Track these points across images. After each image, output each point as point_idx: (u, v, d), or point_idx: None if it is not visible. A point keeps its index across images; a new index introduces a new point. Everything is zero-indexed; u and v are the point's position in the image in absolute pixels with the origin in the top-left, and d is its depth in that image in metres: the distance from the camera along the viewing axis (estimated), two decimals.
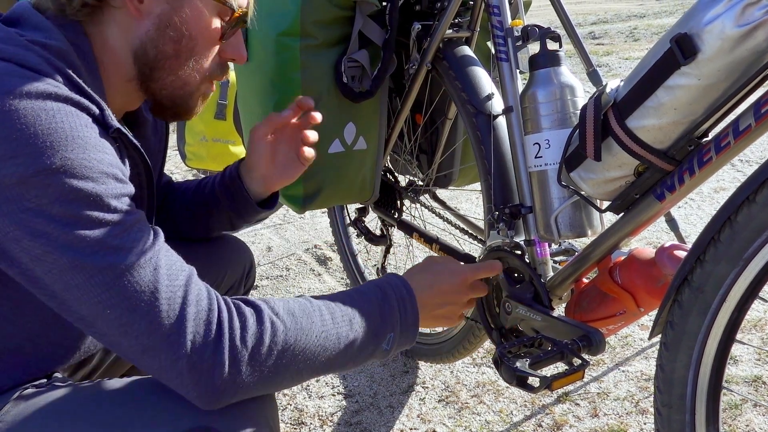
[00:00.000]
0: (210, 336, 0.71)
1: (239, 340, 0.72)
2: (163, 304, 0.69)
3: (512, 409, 1.52)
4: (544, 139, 1.00)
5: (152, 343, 0.69)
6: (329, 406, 1.59)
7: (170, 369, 0.70)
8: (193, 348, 0.70)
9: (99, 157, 0.69)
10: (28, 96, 0.66)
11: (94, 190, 0.68)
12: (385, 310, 0.87)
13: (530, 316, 1.05)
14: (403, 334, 0.89)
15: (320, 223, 2.73)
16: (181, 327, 0.70)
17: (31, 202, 0.65)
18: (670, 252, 0.92)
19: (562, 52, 1.01)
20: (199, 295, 0.73)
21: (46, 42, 0.73)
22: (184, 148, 2.46)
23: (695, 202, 2.61)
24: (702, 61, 0.73)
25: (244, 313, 0.75)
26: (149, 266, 0.70)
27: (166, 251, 0.74)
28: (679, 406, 0.82)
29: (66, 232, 0.66)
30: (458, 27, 1.29)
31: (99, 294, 0.67)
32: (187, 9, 0.81)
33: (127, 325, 0.68)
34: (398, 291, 0.91)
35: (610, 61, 4.86)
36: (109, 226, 0.68)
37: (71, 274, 0.67)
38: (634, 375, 1.61)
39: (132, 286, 0.68)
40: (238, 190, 1.08)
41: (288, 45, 1.19)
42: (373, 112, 1.33)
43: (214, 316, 0.72)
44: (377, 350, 0.87)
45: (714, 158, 0.77)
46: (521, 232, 1.11)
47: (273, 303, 0.79)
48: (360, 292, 0.88)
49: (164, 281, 0.70)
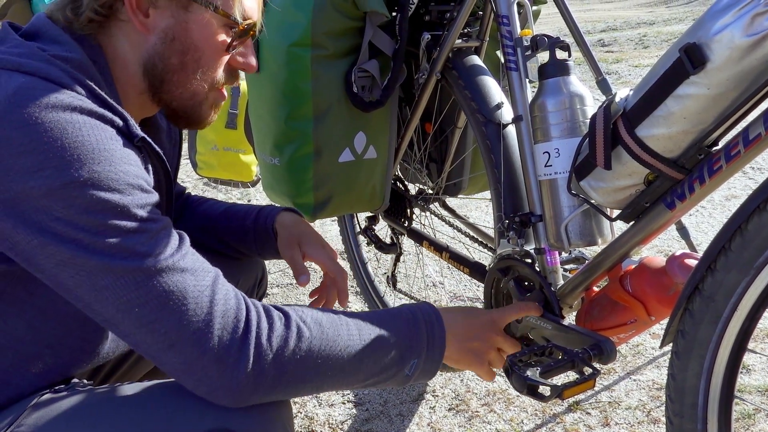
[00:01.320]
0: (237, 333, 0.73)
1: (265, 339, 0.75)
2: (190, 302, 0.71)
3: (523, 417, 1.52)
4: (553, 148, 1.00)
5: (179, 338, 0.71)
6: (339, 414, 1.59)
7: (196, 362, 0.72)
8: (220, 342, 0.72)
9: (125, 169, 0.71)
10: (54, 109, 0.68)
11: (121, 201, 0.70)
12: (413, 333, 0.88)
13: (541, 325, 1.05)
14: (427, 361, 0.89)
15: (330, 231, 2.74)
16: (209, 323, 0.72)
17: (60, 212, 0.67)
18: (681, 261, 0.92)
19: (571, 62, 1.02)
20: (227, 294, 0.75)
21: (67, 56, 0.75)
22: (195, 157, 2.48)
23: (706, 209, 2.60)
24: (711, 71, 0.74)
25: (272, 315, 0.77)
26: (176, 268, 0.72)
27: (192, 254, 0.76)
28: (691, 416, 0.82)
29: (95, 239, 0.68)
30: (468, 37, 1.30)
31: (128, 293, 0.70)
32: (192, 23, 0.82)
33: (155, 322, 0.71)
34: (428, 316, 0.91)
35: (619, 69, 4.85)
36: (136, 234, 0.70)
37: (100, 275, 0.69)
38: (645, 384, 1.60)
39: (161, 286, 0.70)
40: (269, 242, 1.15)
41: (299, 56, 1.20)
42: (383, 121, 1.34)
43: (242, 315, 0.75)
44: (399, 374, 0.87)
45: (724, 167, 0.77)
46: (531, 241, 1.11)
47: (301, 311, 0.81)
48: (390, 313, 0.90)
49: (191, 281, 0.72)
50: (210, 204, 1.22)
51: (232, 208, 1.19)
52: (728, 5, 0.72)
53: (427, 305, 0.94)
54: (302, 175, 1.30)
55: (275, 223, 1.15)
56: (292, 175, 1.31)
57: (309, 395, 0.83)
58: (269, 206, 1.20)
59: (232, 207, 1.20)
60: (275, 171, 1.34)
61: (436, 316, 0.92)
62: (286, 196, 1.36)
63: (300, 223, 1.17)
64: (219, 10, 0.83)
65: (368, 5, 1.19)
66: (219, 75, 0.88)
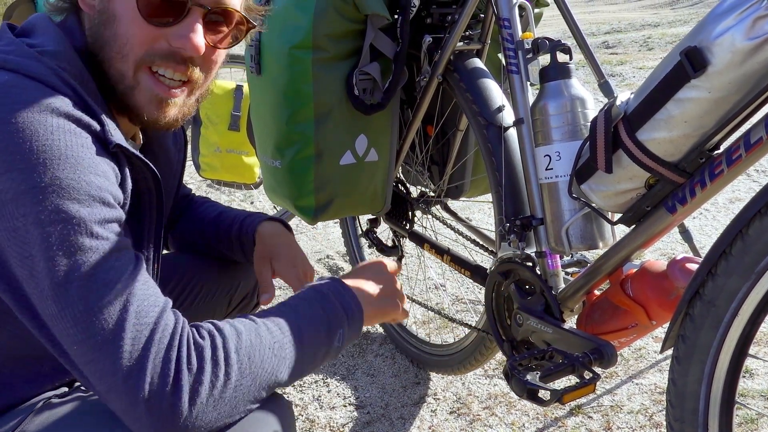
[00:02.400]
0: (168, 378, 0.68)
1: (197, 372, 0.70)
2: (126, 344, 0.68)
3: (524, 421, 1.51)
4: (554, 151, 1.00)
5: (114, 384, 0.68)
6: (340, 417, 1.59)
7: (131, 412, 0.68)
8: (152, 391, 0.67)
9: (89, 179, 0.69)
10: (29, 110, 0.67)
11: (78, 213, 0.67)
12: (328, 309, 0.86)
13: (541, 329, 1.05)
14: (351, 327, 0.88)
15: (332, 233, 2.74)
16: (141, 370, 0.68)
17: (20, 221, 0.66)
18: (682, 265, 0.91)
19: (572, 65, 1.02)
20: (164, 332, 0.70)
21: (56, 50, 0.74)
22: (198, 158, 2.48)
23: (710, 212, 2.59)
24: (712, 74, 0.73)
25: (199, 342, 0.72)
26: (120, 301, 0.68)
27: (143, 283, 0.71)
28: (692, 421, 0.81)
29: (46, 257, 0.66)
30: (469, 39, 1.30)
31: (69, 327, 0.67)
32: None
33: (92, 362, 0.68)
34: (332, 287, 0.89)
35: (623, 71, 4.84)
36: (88, 253, 0.67)
37: (48, 301, 0.67)
38: (647, 388, 1.59)
39: (99, 323, 0.67)
40: (252, 252, 1.13)
41: (300, 58, 1.21)
42: (384, 124, 1.34)
43: (173, 355, 0.70)
44: (330, 349, 0.85)
45: (725, 171, 0.77)
46: (532, 244, 1.11)
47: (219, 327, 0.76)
48: (299, 298, 0.87)
49: (132, 319, 0.68)
50: (206, 207, 1.20)
51: (222, 215, 1.17)
52: (730, 8, 0.72)
53: (328, 280, 0.92)
54: (303, 178, 1.30)
55: (255, 233, 1.13)
56: (293, 177, 1.31)
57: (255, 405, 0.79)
58: (255, 215, 1.17)
59: (222, 213, 1.17)
60: (277, 173, 1.34)
61: (340, 284, 0.90)
62: (287, 199, 1.36)
63: (278, 235, 1.12)
64: None
65: (369, 8, 1.19)
66: (140, 50, 0.79)
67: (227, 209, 1.20)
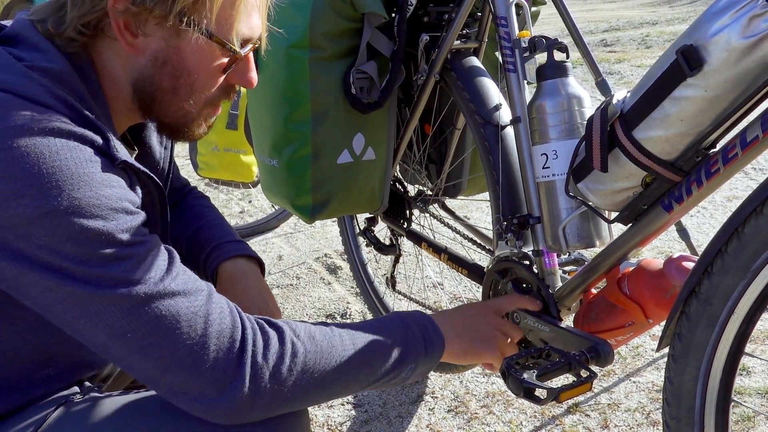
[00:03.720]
0: (233, 352, 0.72)
1: (261, 357, 0.73)
2: (184, 325, 0.70)
3: (522, 419, 1.52)
4: (551, 150, 1.00)
5: (174, 361, 0.70)
6: (339, 415, 1.59)
7: (192, 383, 0.70)
8: (216, 363, 0.70)
9: (106, 192, 0.68)
10: (30, 133, 0.65)
11: (104, 228, 0.67)
12: (408, 338, 0.87)
13: (538, 327, 1.05)
14: (425, 363, 0.89)
15: (330, 232, 2.74)
16: (204, 345, 0.70)
17: (42, 240, 0.65)
18: (679, 263, 0.91)
19: (569, 63, 1.02)
20: (222, 312, 0.73)
21: (47, 66, 0.71)
22: (196, 158, 2.48)
23: (708, 210, 2.59)
24: (708, 73, 0.73)
25: (267, 332, 0.76)
26: (167, 292, 0.70)
27: (183, 273, 0.74)
28: (688, 420, 0.81)
29: (80, 267, 0.66)
30: (466, 38, 1.30)
31: (117, 320, 0.68)
32: (186, 47, 0.77)
33: (148, 347, 0.69)
34: (419, 320, 0.91)
35: (622, 69, 4.84)
36: (122, 261, 0.68)
37: (88, 302, 0.67)
38: (645, 386, 1.60)
39: (151, 312, 0.69)
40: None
41: (297, 57, 1.20)
42: (381, 122, 1.34)
43: (238, 334, 0.73)
44: (396, 378, 0.87)
45: (722, 169, 0.77)
46: (529, 243, 1.11)
47: (294, 325, 0.79)
48: (382, 322, 0.89)
49: (183, 304, 0.71)
50: (192, 215, 1.13)
51: (197, 234, 1.09)
52: (726, 7, 0.72)
53: (417, 312, 0.94)
54: (301, 177, 1.30)
55: (217, 272, 1.04)
56: (290, 176, 1.31)
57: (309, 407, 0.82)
58: (224, 246, 1.06)
59: (198, 232, 1.10)
60: (274, 172, 1.34)
61: (428, 320, 0.92)
62: (284, 198, 1.36)
63: (236, 280, 1.02)
64: (214, 38, 0.78)
65: (366, 7, 1.18)
66: (213, 95, 0.84)
67: (206, 225, 1.11)
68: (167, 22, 0.74)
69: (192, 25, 0.76)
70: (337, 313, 2.10)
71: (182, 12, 0.74)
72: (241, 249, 1.06)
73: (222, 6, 0.77)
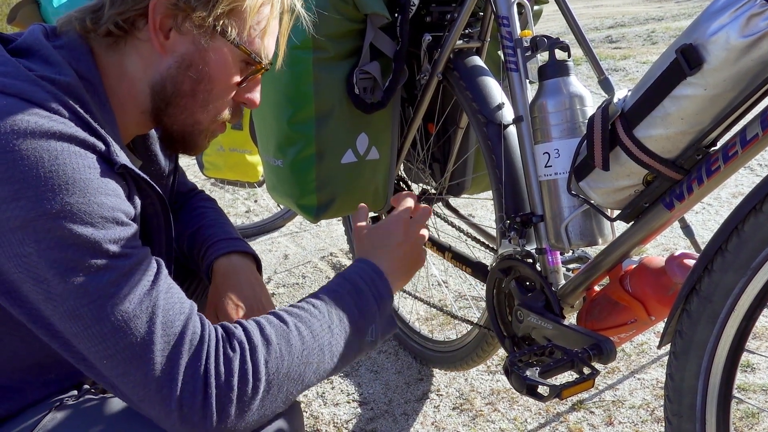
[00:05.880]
0: (198, 386, 0.70)
1: (225, 386, 0.71)
2: (157, 355, 0.69)
3: (527, 417, 1.52)
4: (553, 149, 1.01)
5: (146, 394, 0.69)
6: (344, 413, 1.60)
7: (165, 420, 0.70)
8: (183, 400, 0.69)
9: (100, 200, 0.69)
10: (31, 135, 0.66)
11: (92, 236, 0.67)
12: (360, 304, 0.85)
13: (541, 325, 1.06)
14: (382, 319, 0.87)
15: (336, 231, 2.75)
16: (173, 379, 0.69)
17: (31, 247, 0.65)
18: (680, 261, 0.92)
19: (570, 62, 1.02)
20: (192, 341, 0.72)
21: (55, 78, 0.72)
22: (201, 158, 2.50)
23: (713, 207, 2.59)
24: (708, 72, 0.74)
25: (228, 354, 0.73)
26: (145, 315, 0.69)
27: (166, 292, 0.72)
28: (690, 416, 0.82)
29: (64, 279, 0.66)
30: (468, 38, 1.31)
31: (96, 344, 0.68)
32: (212, 53, 0.80)
33: (123, 375, 0.69)
34: (367, 276, 0.87)
35: (627, 65, 4.82)
36: (107, 273, 0.68)
37: (71, 321, 0.67)
38: (649, 383, 1.60)
39: (128, 338, 0.68)
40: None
41: (301, 58, 1.21)
42: (385, 122, 1.35)
43: (201, 367, 0.71)
44: (363, 345, 0.85)
45: (722, 167, 0.77)
46: (533, 241, 1.11)
47: (250, 331, 0.76)
48: (331, 291, 0.85)
49: (159, 330, 0.70)
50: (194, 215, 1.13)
51: (197, 233, 1.10)
52: (724, 6, 0.72)
53: (360, 262, 0.90)
54: (305, 177, 1.31)
55: (212, 268, 1.04)
56: (295, 176, 1.32)
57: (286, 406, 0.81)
58: (221, 243, 1.06)
59: (199, 230, 1.10)
60: (279, 172, 1.35)
61: (375, 271, 0.88)
62: (289, 197, 1.37)
63: (230, 275, 1.02)
64: (241, 47, 0.81)
65: (369, 7, 1.19)
66: (224, 109, 0.87)
67: (206, 225, 1.11)
68: (204, 23, 0.78)
69: (225, 32, 0.80)
70: None
71: (220, 17, 0.78)
72: (236, 245, 1.06)
73: (256, 20, 0.82)
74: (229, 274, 1.02)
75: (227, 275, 1.02)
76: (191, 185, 1.22)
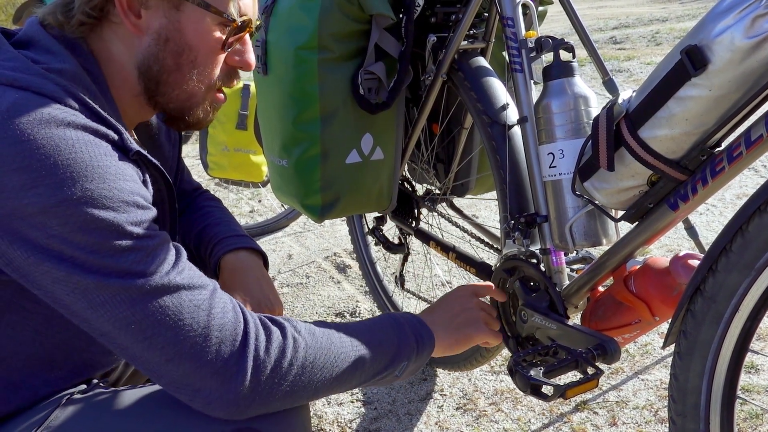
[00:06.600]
0: (235, 345, 0.73)
1: (263, 351, 0.75)
2: (186, 318, 0.72)
3: (530, 417, 1.52)
4: (558, 149, 1.01)
5: (177, 352, 0.71)
6: (348, 413, 1.61)
7: (194, 375, 0.72)
8: (219, 355, 0.72)
9: (119, 185, 0.71)
10: (47, 125, 0.67)
11: (115, 219, 0.69)
12: (401, 337, 0.91)
13: (546, 325, 1.06)
14: (417, 360, 0.93)
15: (340, 231, 2.75)
16: (207, 337, 0.72)
17: (55, 230, 0.67)
18: (684, 261, 0.92)
19: (575, 63, 1.02)
20: (224, 308, 0.75)
21: (61, 67, 0.74)
22: (206, 158, 2.51)
23: (717, 208, 2.58)
24: (712, 73, 0.74)
25: (269, 327, 0.78)
26: (172, 285, 0.72)
27: (189, 269, 0.76)
28: (693, 416, 0.82)
29: (90, 257, 0.68)
30: (473, 38, 1.31)
31: (124, 311, 0.70)
32: (185, 22, 0.81)
33: (152, 337, 0.71)
34: (409, 320, 0.95)
35: (631, 66, 4.82)
36: (131, 252, 0.70)
37: (96, 293, 0.69)
38: (653, 383, 1.60)
39: (157, 303, 0.70)
40: None
41: (306, 58, 1.22)
42: (389, 123, 1.35)
43: (240, 328, 0.75)
44: (389, 375, 0.90)
45: (727, 168, 0.78)
46: (537, 241, 1.12)
47: (295, 322, 0.81)
48: (375, 322, 0.92)
49: (187, 297, 0.73)
50: (200, 214, 1.16)
51: (204, 232, 1.12)
52: (729, 7, 0.72)
53: (406, 313, 0.98)
54: (310, 177, 1.31)
55: (220, 264, 1.06)
56: (299, 176, 1.32)
57: (306, 403, 0.83)
58: (228, 240, 1.08)
59: (206, 229, 1.12)
60: (283, 172, 1.36)
61: (417, 318, 0.96)
62: (294, 197, 1.37)
63: (235, 271, 1.04)
64: (212, 8, 0.81)
65: (374, 8, 1.20)
66: (216, 75, 0.87)
67: (213, 223, 1.13)
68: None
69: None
70: (347, 312, 2.11)
71: None
72: (244, 242, 1.08)
73: None
74: (237, 270, 1.03)
75: (235, 271, 1.03)
76: (196, 184, 1.23)
